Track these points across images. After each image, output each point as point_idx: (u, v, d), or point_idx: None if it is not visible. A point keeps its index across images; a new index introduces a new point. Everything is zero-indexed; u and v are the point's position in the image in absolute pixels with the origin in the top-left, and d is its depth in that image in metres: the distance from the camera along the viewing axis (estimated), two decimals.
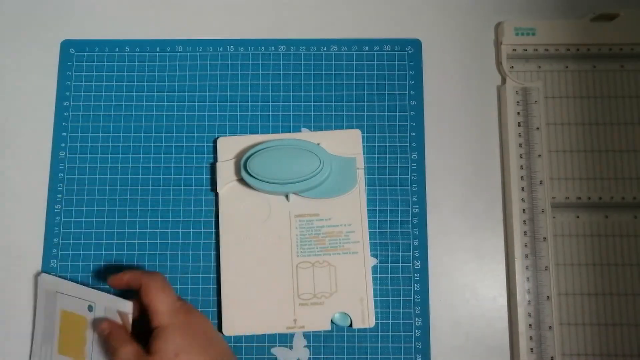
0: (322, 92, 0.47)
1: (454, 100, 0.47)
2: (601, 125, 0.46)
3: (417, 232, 0.45)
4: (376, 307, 0.44)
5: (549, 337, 0.42)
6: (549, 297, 0.43)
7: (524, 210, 0.44)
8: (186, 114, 0.47)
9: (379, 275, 0.44)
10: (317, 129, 0.46)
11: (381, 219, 0.45)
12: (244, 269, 0.44)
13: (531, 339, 0.43)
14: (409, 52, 0.48)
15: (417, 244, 0.45)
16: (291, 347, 0.44)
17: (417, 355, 0.43)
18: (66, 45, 0.48)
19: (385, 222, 0.45)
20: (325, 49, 0.48)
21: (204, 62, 0.48)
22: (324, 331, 0.44)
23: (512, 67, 0.47)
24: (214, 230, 0.45)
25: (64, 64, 0.48)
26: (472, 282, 0.45)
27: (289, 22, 0.49)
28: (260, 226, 0.44)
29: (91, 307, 0.42)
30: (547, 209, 0.44)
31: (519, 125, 0.45)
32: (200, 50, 0.48)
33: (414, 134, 0.46)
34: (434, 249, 0.45)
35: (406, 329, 0.44)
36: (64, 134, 0.47)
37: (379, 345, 0.43)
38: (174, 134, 0.46)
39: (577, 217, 0.45)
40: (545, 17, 0.48)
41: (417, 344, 0.43)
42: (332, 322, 0.43)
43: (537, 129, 0.45)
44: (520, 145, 0.45)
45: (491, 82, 0.47)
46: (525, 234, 0.44)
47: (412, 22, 0.48)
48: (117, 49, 0.48)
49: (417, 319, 0.44)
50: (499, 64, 0.47)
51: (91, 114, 0.47)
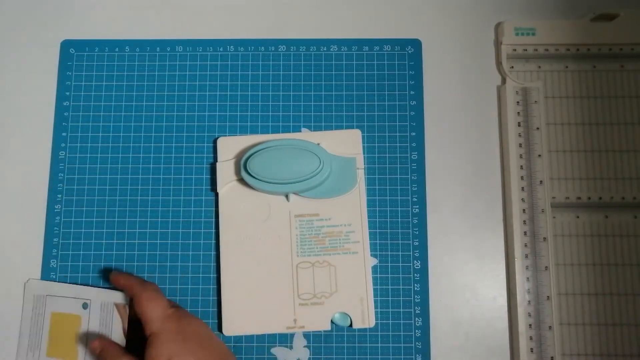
0: (322, 92, 0.47)
1: (454, 100, 0.47)
2: (601, 125, 0.46)
3: (417, 232, 0.45)
4: (376, 307, 0.44)
5: (549, 337, 0.42)
6: (549, 297, 0.43)
7: (524, 210, 0.44)
8: (186, 114, 0.47)
9: (379, 275, 0.44)
10: (317, 129, 0.46)
11: (381, 219, 0.45)
12: (244, 269, 0.44)
13: (531, 339, 0.43)
14: (409, 52, 0.48)
15: (417, 244, 0.45)
16: (291, 347, 0.44)
17: (417, 355, 0.43)
18: (66, 45, 0.48)
19: (385, 222, 0.45)
20: (325, 49, 0.48)
21: (204, 62, 0.48)
22: (324, 331, 0.44)
23: (512, 67, 0.47)
24: (214, 230, 0.45)
25: (64, 64, 0.48)
26: (472, 282, 0.45)
27: (289, 22, 0.49)
28: (260, 226, 0.44)
29: (86, 305, 0.43)
30: (547, 209, 0.44)
31: (519, 125, 0.45)
32: (200, 50, 0.48)
33: (414, 134, 0.46)
34: (434, 249, 0.45)
35: (406, 329, 0.44)
36: (64, 134, 0.47)
37: (379, 345, 0.43)
38: (174, 134, 0.46)
39: (577, 217, 0.45)
40: (545, 17, 0.48)
41: (417, 344, 0.43)
42: (332, 322, 0.43)
43: (537, 129, 0.45)
44: (520, 145, 0.45)
45: (491, 82, 0.47)
46: (525, 234, 0.44)
47: (412, 22, 0.48)
48: (117, 49, 0.48)
49: (417, 319, 0.44)
50: (499, 64, 0.47)
51: (91, 114, 0.47)
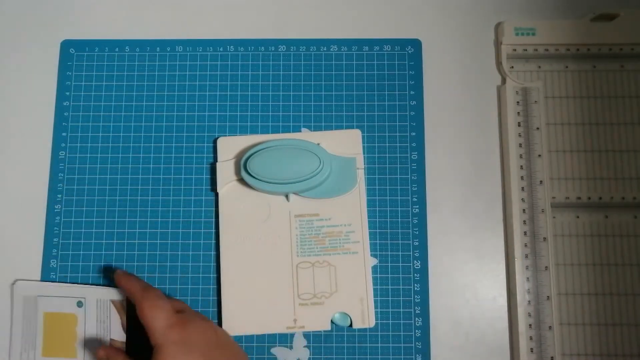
0: (322, 92, 0.47)
1: (454, 100, 0.47)
2: (601, 125, 0.46)
3: (417, 232, 0.45)
4: (376, 307, 0.44)
5: (549, 337, 0.42)
6: (549, 297, 0.43)
7: (524, 210, 0.44)
8: (186, 114, 0.47)
9: (379, 275, 0.44)
10: (317, 129, 0.46)
11: (381, 219, 0.45)
12: (244, 269, 0.44)
13: (531, 339, 0.43)
14: (409, 52, 0.48)
15: (417, 244, 0.45)
16: (291, 347, 0.44)
17: (417, 355, 0.43)
18: (66, 45, 0.48)
19: (385, 222, 0.45)
20: (325, 49, 0.48)
21: (204, 62, 0.48)
22: (324, 331, 0.44)
23: (512, 67, 0.47)
24: (214, 230, 0.45)
25: (64, 64, 0.48)
26: (472, 282, 0.45)
27: (289, 22, 0.49)
28: (260, 226, 0.44)
29: (81, 303, 0.43)
30: (547, 209, 0.44)
31: (519, 125, 0.45)
32: (200, 50, 0.48)
33: (414, 134, 0.46)
34: (434, 249, 0.45)
35: (406, 329, 0.44)
36: (64, 134, 0.47)
37: (379, 345, 0.43)
38: (174, 134, 0.46)
39: (577, 217, 0.45)
40: (545, 17, 0.48)
41: (417, 344, 0.43)
42: (332, 322, 0.43)
43: (537, 129, 0.45)
44: (520, 145, 0.45)
45: (491, 82, 0.47)
46: (525, 234, 0.44)
47: (412, 22, 0.48)
48: (117, 49, 0.48)
49: (417, 319, 0.44)
50: (499, 64, 0.47)
51: (91, 114, 0.47)
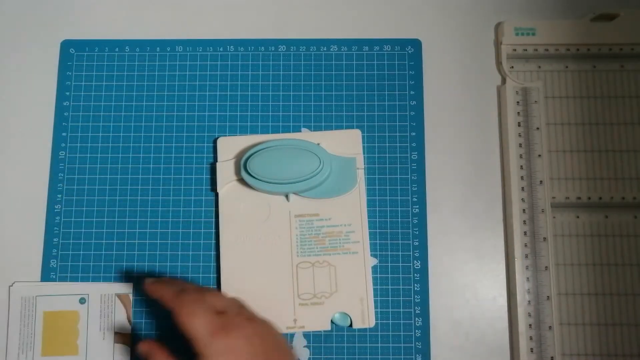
0: (322, 92, 0.47)
1: (454, 100, 0.47)
2: (601, 125, 0.46)
3: (417, 232, 0.45)
4: (376, 307, 0.44)
5: (549, 337, 0.42)
6: (549, 297, 0.43)
7: (524, 210, 0.44)
8: (186, 114, 0.47)
9: (379, 275, 0.44)
10: (317, 129, 0.46)
11: (381, 219, 0.45)
12: (244, 269, 0.44)
13: (531, 339, 0.43)
14: (409, 52, 0.48)
15: (417, 244, 0.45)
16: (291, 347, 0.43)
17: (417, 355, 0.43)
18: (66, 45, 0.48)
19: (385, 222, 0.45)
20: (325, 49, 0.48)
21: (204, 62, 0.48)
22: (324, 331, 0.44)
23: (512, 67, 0.47)
24: (214, 230, 0.45)
25: (64, 64, 0.48)
26: (472, 282, 0.45)
27: (289, 22, 0.49)
28: (260, 226, 0.44)
29: (84, 300, 0.43)
30: (547, 209, 0.44)
31: (519, 125, 0.45)
32: (200, 50, 0.48)
33: (414, 134, 0.46)
34: (434, 249, 0.45)
35: (406, 329, 0.44)
36: (64, 134, 0.47)
37: (379, 345, 0.43)
38: (174, 134, 0.46)
39: (577, 217, 0.45)
40: (545, 17, 0.48)
41: (417, 344, 0.43)
42: (332, 322, 0.43)
43: (537, 129, 0.45)
44: (520, 145, 0.45)
45: (491, 82, 0.47)
46: (525, 234, 0.44)
47: (412, 22, 0.48)
48: (117, 49, 0.48)
49: (417, 319, 0.44)
50: (499, 64, 0.47)
51: (91, 114, 0.47)
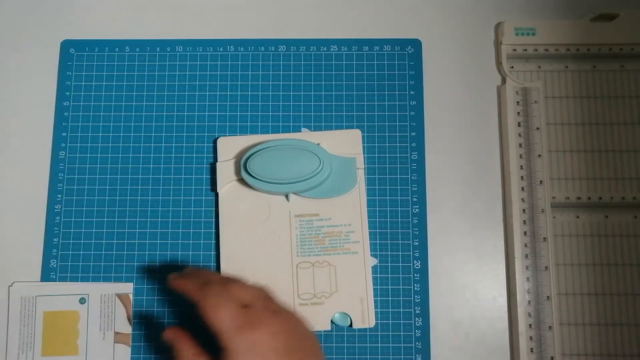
0: (322, 92, 0.47)
1: (454, 100, 0.47)
2: (601, 125, 0.46)
3: (417, 232, 0.45)
4: (376, 307, 0.44)
5: (549, 337, 0.42)
6: (549, 297, 0.43)
7: (524, 210, 0.44)
8: (186, 114, 0.47)
9: (379, 275, 0.44)
10: (317, 129, 0.46)
11: (381, 219, 0.45)
12: (244, 269, 0.44)
13: (531, 339, 0.43)
14: (409, 52, 0.48)
15: (417, 244, 0.45)
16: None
17: (417, 355, 0.43)
18: (66, 45, 0.48)
19: (385, 222, 0.45)
20: (325, 49, 0.48)
21: (204, 62, 0.48)
22: (324, 331, 0.44)
23: (512, 67, 0.47)
24: (214, 230, 0.45)
25: (64, 64, 0.48)
26: (472, 282, 0.45)
27: (289, 22, 0.48)
28: (260, 226, 0.44)
29: (84, 300, 0.43)
30: (547, 209, 0.44)
31: (519, 125, 0.45)
32: (200, 50, 0.48)
33: (414, 134, 0.46)
34: (434, 249, 0.45)
35: (406, 329, 0.44)
36: (64, 134, 0.47)
37: (379, 345, 0.43)
38: (174, 134, 0.46)
39: (577, 217, 0.45)
40: (545, 17, 0.48)
41: (417, 344, 0.43)
42: (332, 322, 0.43)
43: (537, 129, 0.45)
44: (520, 145, 0.45)
45: (491, 82, 0.47)
46: (525, 234, 0.44)
47: (412, 22, 0.48)
48: (117, 49, 0.48)
49: (417, 319, 0.44)
50: (499, 64, 0.47)
51: (91, 114, 0.47)
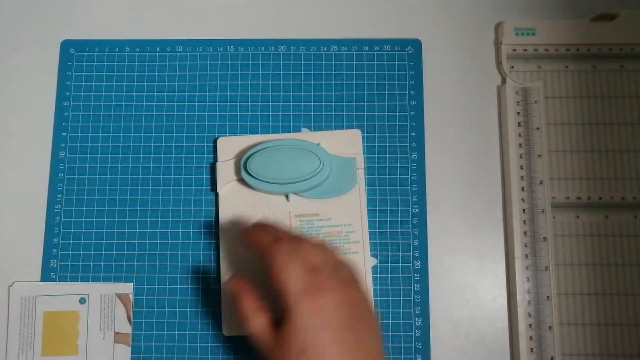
0: (322, 92, 0.47)
1: (454, 100, 0.47)
2: (601, 125, 0.46)
3: (417, 232, 0.45)
4: (376, 307, 0.44)
5: (549, 337, 0.42)
6: (549, 297, 0.43)
7: (524, 210, 0.44)
8: (186, 114, 0.47)
9: (379, 275, 0.44)
10: (317, 129, 0.46)
11: (381, 219, 0.45)
12: (244, 269, 0.44)
13: (531, 339, 0.43)
14: (409, 52, 0.48)
15: (417, 244, 0.45)
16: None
17: (417, 355, 0.43)
18: (66, 45, 0.48)
19: (385, 222, 0.45)
20: (325, 49, 0.48)
21: (204, 62, 0.48)
22: None
23: (512, 67, 0.47)
24: (214, 230, 0.45)
25: (64, 64, 0.48)
26: (472, 282, 0.45)
27: (289, 22, 0.48)
28: None
29: (84, 300, 0.43)
30: (547, 209, 0.44)
31: (519, 125, 0.45)
32: (200, 50, 0.48)
33: (414, 134, 0.46)
34: (434, 249, 0.45)
35: (406, 329, 0.44)
36: (64, 134, 0.47)
37: None
38: (174, 134, 0.46)
39: (577, 217, 0.45)
40: (545, 17, 0.48)
41: (417, 344, 0.43)
42: None
43: (537, 129, 0.45)
44: (520, 145, 0.45)
45: (491, 82, 0.47)
46: (525, 234, 0.44)
47: (412, 22, 0.48)
48: (117, 49, 0.48)
49: (417, 319, 0.44)
50: (499, 64, 0.47)
51: (91, 114, 0.47)
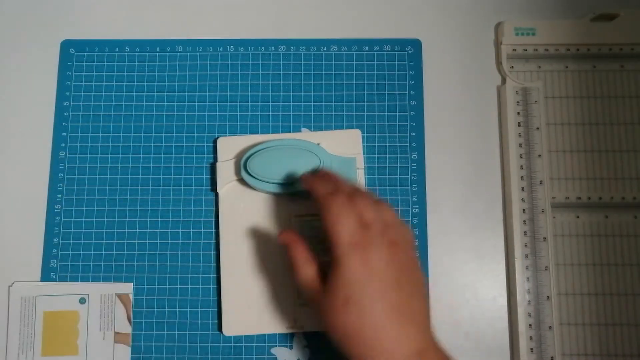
0: (322, 92, 0.47)
1: (454, 100, 0.47)
2: (601, 125, 0.46)
3: (417, 232, 0.45)
4: None
5: (549, 337, 0.42)
6: (549, 297, 0.43)
7: (524, 210, 0.44)
8: (186, 114, 0.47)
9: None
10: (317, 129, 0.46)
11: None
12: (244, 269, 0.44)
13: (531, 339, 0.43)
14: (409, 52, 0.48)
15: (417, 244, 0.45)
16: (291, 347, 0.44)
17: None
18: (66, 45, 0.48)
19: None
20: (325, 49, 0.48)
21: (204, 62, 0.48)
22: (324, 331, 0.43)
23: (512, 67, 0.47)
24: (214, 230, 0.45)
25: (64, 64, 0.48)
26: (472, 282, 0.45)
27: (289, 22, 0.49)
28: (260, 226, 0.44)
29: (84, 300, 0.43)
30: (547, 209, 0.44)
31: (519, 125, 0.45)
32: (200, 50, 0.48)
33: (414, 134, 0.46)
34: (434, 249, 0.45)
35: None
36: (64, 134, 0.47)
37: None
38: (174, 134, 0.46)
39: (577, 217, 0.45)
40: (545, 17, 0.48)
41: None
42: None
43: (537, 129, 0.45)
44: (520, 145, 0.45)
45: (491, 82, 0.47)
46: (525, 234, 0.44)
47: (412, 22, 0.48)
48: (117, 49, 0.48)
49: None
50: (499, 64, 0.47)
51: (91, 114, 0.47)
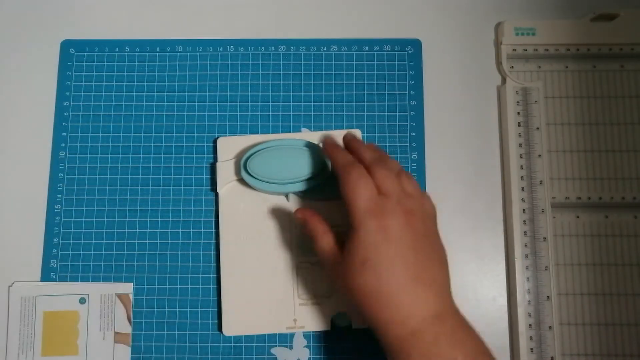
0: (322, 92, 0.47)
1: (454, 100, 0.47)
2: (601, 125, 0.46)
3: None
4: None
5: (549, 337, 0.42)
6: (549, 297, 0.43)
7: (524, 210, 0.44)
8: (186, 114, 0.47)
9: None
10: (317, 129, 0.46)
11: None
12: (244, 269, 0.44)
13: (531, 339, 0.43)
14: (409, 52, 0.48)
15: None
16: (291, 347, 0.44)
17: None
18: (66, 45, 0.48)
19: None
20: (325, 49, 0.48)
21: (204, 62, 0.48)
22: (324, 331, 0.44)
23: (512, 67, 0.47)
24: (214, 230, 0.45)
25: (64, 64, 0.48)
26: (472, 282, 0.45)
27: (289, 22, 0.49)
28: (260, 226, 0.44)
29: (84, 300, 0.43)
30: (547, 209, 0.44)
31: (519, 125, 0.45)
32: (200, 50, 0.48)
33: (414, 134, 0.46)
34: None
35: None
36: (64, 134, 0.47)
37: (380, 345, 0.43)
38: (174, 134, 0.46)
39: (577, 217, 0.45)
40: (545, 17, 0.48)
41: None
42: (332, 322, 0.43)
43: (537, 129, 0.45)
44: (520, 145, 0.45)
45: (491, 82, 0.47)
46: (525, 234, 0.44)
47: (412, 22, 0.48)
48: (117, 49, 0.48)
49: None
50: (499, 64, 0.47)
51: (91, 114, 0.47)
